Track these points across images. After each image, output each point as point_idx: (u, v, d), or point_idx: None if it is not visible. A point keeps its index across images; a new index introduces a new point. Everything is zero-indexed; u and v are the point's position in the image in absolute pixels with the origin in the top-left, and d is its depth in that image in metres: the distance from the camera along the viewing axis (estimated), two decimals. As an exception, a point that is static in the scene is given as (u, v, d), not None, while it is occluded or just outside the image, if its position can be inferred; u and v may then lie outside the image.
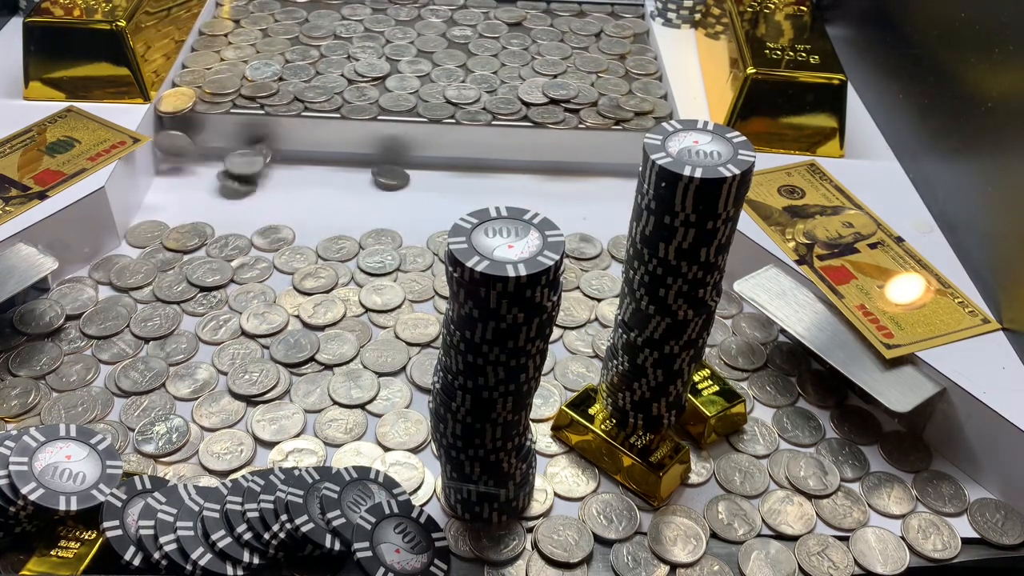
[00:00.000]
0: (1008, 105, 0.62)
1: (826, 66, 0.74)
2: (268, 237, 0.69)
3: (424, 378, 0.59)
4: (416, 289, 0.65)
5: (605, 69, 0.84)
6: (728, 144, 0.44)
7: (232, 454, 0.53)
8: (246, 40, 0.85)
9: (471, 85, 0.80)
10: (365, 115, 0.76)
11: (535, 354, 0.44)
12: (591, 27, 0.91)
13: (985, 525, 0.52)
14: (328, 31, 0.87)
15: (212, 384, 0.57)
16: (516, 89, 0.80)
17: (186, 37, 0.84)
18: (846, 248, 0.64)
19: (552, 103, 0.78)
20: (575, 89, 0.80)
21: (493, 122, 0.76)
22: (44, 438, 0.49)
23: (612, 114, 0.77)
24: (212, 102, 0.76)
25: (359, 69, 0.81)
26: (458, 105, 0.77)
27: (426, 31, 0.88)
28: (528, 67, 0.83)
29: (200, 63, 0.81)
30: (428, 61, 0.83)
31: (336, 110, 0.76)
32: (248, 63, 0.81)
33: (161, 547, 0.45)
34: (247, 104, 0.76)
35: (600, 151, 0.78)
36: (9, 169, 0.65)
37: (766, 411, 0.59)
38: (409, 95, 0.78)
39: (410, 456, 0.54)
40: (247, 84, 0.78)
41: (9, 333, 0.60)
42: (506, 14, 0.92)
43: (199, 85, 0.78)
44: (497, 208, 0.43)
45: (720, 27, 0.87)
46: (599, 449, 0.54)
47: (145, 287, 0.64)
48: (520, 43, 0.87)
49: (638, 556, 0.50)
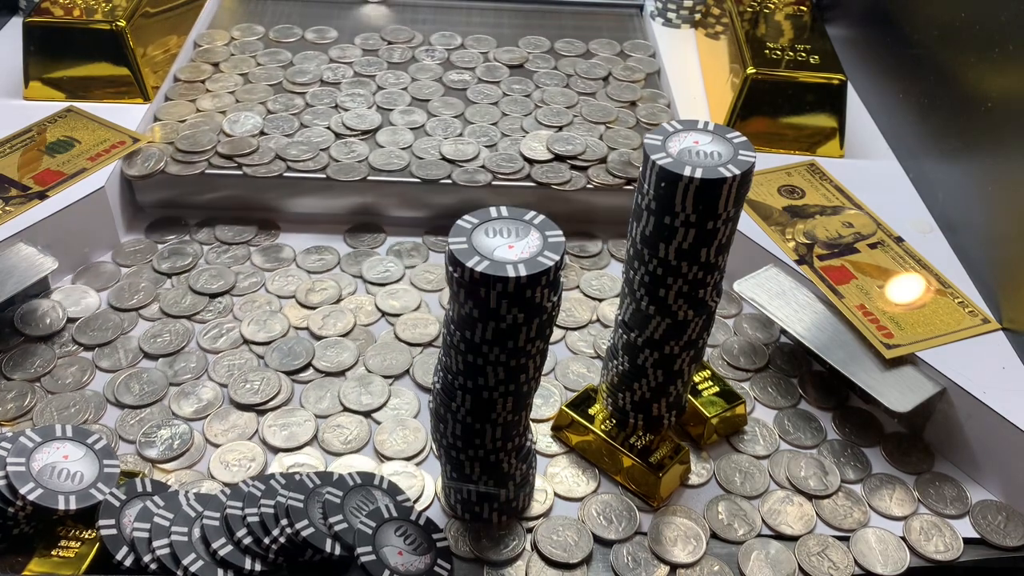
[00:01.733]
0: (1008, 105, 0.62)
1: (826, 66, 0.74)
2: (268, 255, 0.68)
3: (426, 378, 0.59)
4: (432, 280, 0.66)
5: (614, 119, 0.76)
6: (728, 144, 0.44)
7: (239, 466, 0.53)
8: (224, 88, 0.77)
9: (469, 139, 0.73)
10: (354, 175, 0.69)
11: (535, 354, 0.44)
12: (598, 70, 0.83)
13: (987, 527, 0.52)
14: (315, 76, 0.80)
15: (217, 403, 0.56)
16: (518, 143, 0.72)
17: (187, 37, 0.84)
18: (846, 248, 0.64)
19: (557, 159, 0.71)
20: (582, 144, 0.72)
21: (493, 182, 0.69)
22: (41, 439, 0.49)
23: (622, 172, 0.70)
24: (186, 161, 0.69)
25: (347, 121, 0.74)
26: (455, 162, 0.70)
27: (420, 75, 0.81)
28: (531, 117, 0.76)
29: (173, 114, 0.74)
30: (423, 111, 0.76)
31: (322, 169, 0.69)
32: (226, 114, 0.74)
33: (153, 551, 0.45)
34: (224, 164, 0.69)
35: (609, 212, 0.71)
36: (9, 169, 0.65)
37: (767, 413, 0.59)
38: (401, 151, 0.71)
39: (407, 465, 0.54)
40: (225, 140, 0.71)
41: (9, 333, 0.60)
42: (507, 55, 0.85)
43: (171, 141, 0.70)
44: (498, 209, 0.43)
45: (720, 27, 0.87)
46: (599, 449, 0.54)
47: (151, 304, 0.63)
48: (522, 89, 0.80)
49: (638, 556, 0.50)
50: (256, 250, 0.68)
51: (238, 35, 0.86)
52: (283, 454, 0.54)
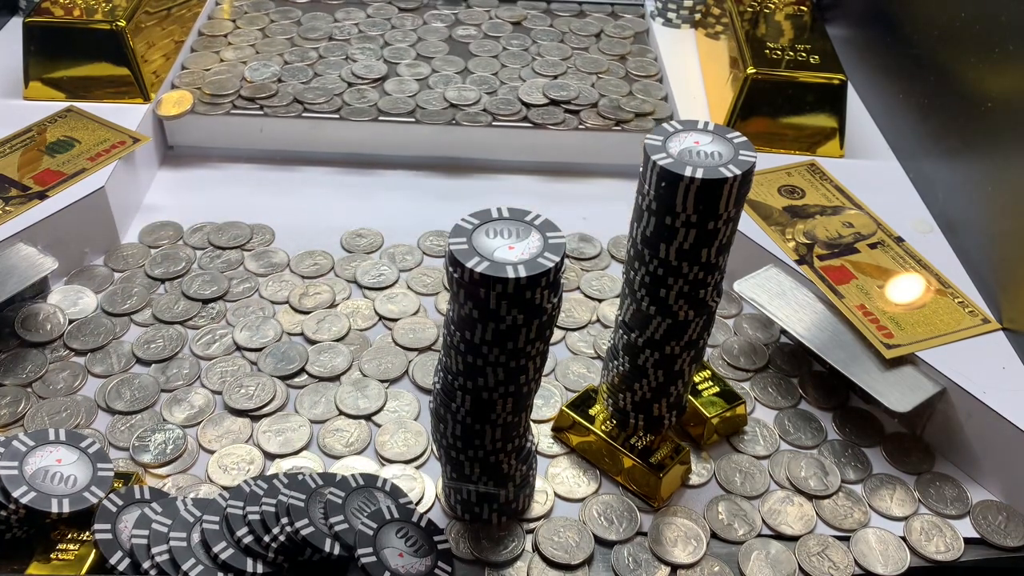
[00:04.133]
0: (1008, 105, 0.62)
1: (826, 66, 0.74)
2: (261, 260, 0.67)
3: (426, 379, 0.59)
4: (428, 283, 0.66)
5: (605, 70, 0.84)
6: (729, 144, 0.44)
7: (238, 469, 0.53)
8: (245, 40, 0.85)
9: (471, 86, 0.80)
10: (364, 116, 0.76)
11: (535, 355, 0.44)
12: (591, 27, 0.90)
13: (987, 527, 0.52)
14: (326, 32, 0.86)
15: (209, 410, 0.56)
16: (516, 90, 0.80)
17: (186, 37, 0.84)
18: (846, 248, 0.64)
19: (552, 104, 0.78)
20: (575, 90, 0.80)
21: (493, 123, 0.76)
22: (33, 443, 0.49)
23: (612, 115, 0.77)
24: (211, 103, 0.76)
25: (356, 71, 0.81)
26: (458, 106, 0.77)
27: (427, 35, 0.88)
28: (528, 68, 0.83)
29: (199, 64, 0.81)
30: (427, 65, 0.83)
31: (335, 111, 0.76)
32: (247, 64, 0.81)
33: (152, 557, 0.45)
34: (246, 105, 0.76)
35: (600, 152, 0.77)
36: (9, 169, 0.65)
37: (768, 413, 0.59)
38: (408, 98, 0.78)
39: (406, 468, 0.54)
40: (246, 85, 0.78)
41: (8, 334, 0.60)
42: (507, 12, 0.92)
43: (198, 86, 0.78)
44: (499, 209, 0.43)
45: (720, 27, 0.87)
46: (600, 450, 0.54)
47: (144, 309, 0.62)
48: (520, 44, 0.87)
49: (639, 557, 0.50)
50: (249, 255, 0.68)
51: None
52: (281, 458, 0.54)
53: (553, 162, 0.78)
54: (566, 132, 0.76)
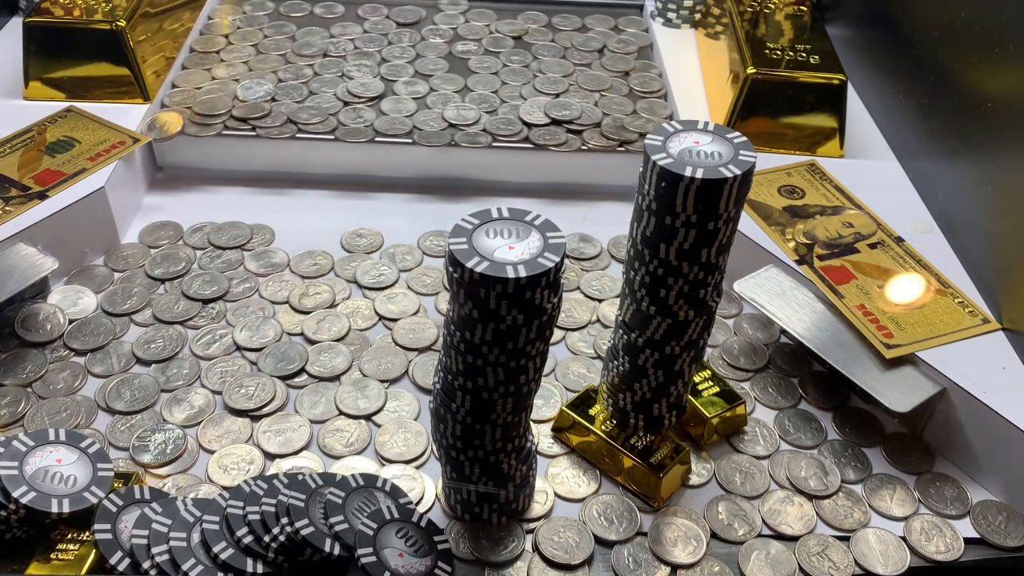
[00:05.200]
0: (1008, 105, 0.62)
1: (826, 66, 0.74)
2: (261, 260, 0.67)
3: (426, 379, 0.59)
4: (428, 283, 0.66)
5: (608, 87, 0.81)
6: (729, 144, 0.44)
7: (238, 469, 0.53)
8: (238, 57, 0.82)
9: (470, 105, 0.77)
10: (361, 138, 0.73)
11: (535, 356, 0.44)
12: (593, 43, 0.87)
13: (987, 527, 0.52)
14: (321, 48, 0.84)
15: (209, 410, 0.56)
16: (517, 109, 0.77)
17: (186, 38, 0.84)
18: (846, 248, 0.64)
19: (554, 124, 0.75)
20: (578, 109, 0.77)
21: (493, 144, 0.74)
22: (33, 443, 0.49)
23: (616, 135, 0.75)
24: (202, 123, 0.73)
25: (353, 89, 0.78)
26: (457, 126, 0.75)
27: (426, 51, 0.85)
28: (529, 85, 0.80)
29: (190, 82, 0.78)
30: (425, 83, 0.80)
31: (331, 132, 0.74)
32: (240, 82, 0.78)
33: (152, 557, 0.45)
34: (238, 126, 0.74)
35: (604, 173, 0.75)
36: (9, 169, 0.65)
37: (768, 413, 0.59)
38: (406, 118, 0.75)
39: (406, 468, 0.54)
40: (239, 105, 0.75)
41: (8, 334, 0.60)
42: (508, 27, 0.89)
43: (188, 106, 0.75)
44: (499, 209, 0.43)
45: (720, 27, 0.87)
46: (600, 450, 0.54)
47: (144, 309, 0.62)
48: (521, 60, 0.84)
49: (639, 557, 0.50)
50: (249, 255, 0.67)
51: (248, 10, 0.90)
52: (281, 458, 0.54)
53: (555, 183, 0.76)
54: (568, 153, 0.74)
